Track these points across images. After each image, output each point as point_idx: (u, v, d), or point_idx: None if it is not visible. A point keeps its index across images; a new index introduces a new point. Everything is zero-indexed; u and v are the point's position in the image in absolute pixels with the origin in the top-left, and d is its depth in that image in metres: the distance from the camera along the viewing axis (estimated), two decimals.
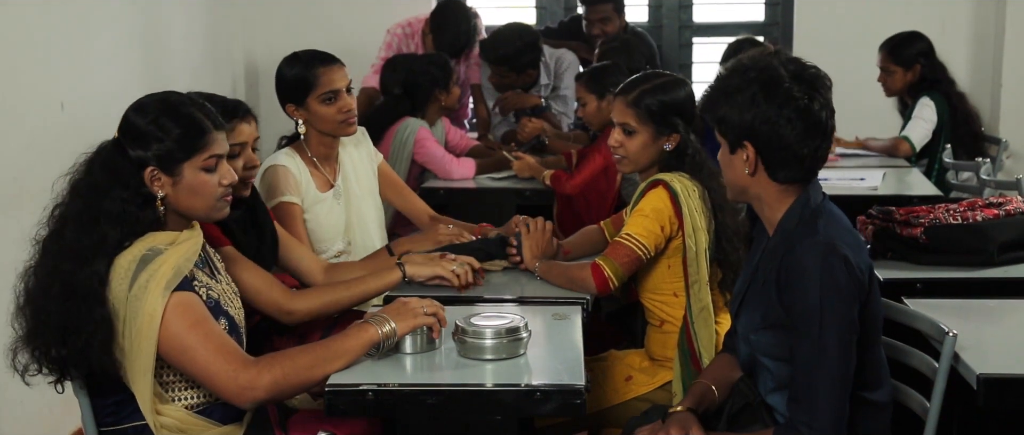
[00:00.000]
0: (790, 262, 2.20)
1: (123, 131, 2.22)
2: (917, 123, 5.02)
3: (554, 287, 2.92)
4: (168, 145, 2.20)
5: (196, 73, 5.11)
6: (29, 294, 2.19)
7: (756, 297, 2.31)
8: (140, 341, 2.13)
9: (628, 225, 2.91)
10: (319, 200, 3.35)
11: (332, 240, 3.38)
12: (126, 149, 2.20)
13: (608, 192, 4.22)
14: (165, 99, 2.26)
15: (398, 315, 2.31)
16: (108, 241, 2.15)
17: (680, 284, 2.92)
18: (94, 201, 2.16)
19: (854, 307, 2.19)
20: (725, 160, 2.33)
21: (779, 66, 2.24)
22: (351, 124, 3.34)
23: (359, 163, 3.50)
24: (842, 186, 4.26)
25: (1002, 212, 3.17)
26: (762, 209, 2.34)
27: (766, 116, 2.21)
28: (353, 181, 3.44)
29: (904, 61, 5.10)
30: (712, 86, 2.33)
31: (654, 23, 6.04)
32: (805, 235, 2.22)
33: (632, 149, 2.98)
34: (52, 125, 3.72)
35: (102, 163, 2.20)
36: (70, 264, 2.13)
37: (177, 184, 2.22)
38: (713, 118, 2.31)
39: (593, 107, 4.18)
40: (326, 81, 3.29)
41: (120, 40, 4.36)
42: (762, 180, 2.28)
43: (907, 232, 3.15)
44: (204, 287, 2.25)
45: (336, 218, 3.38)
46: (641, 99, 2.95)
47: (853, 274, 2.18)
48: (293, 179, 3.29)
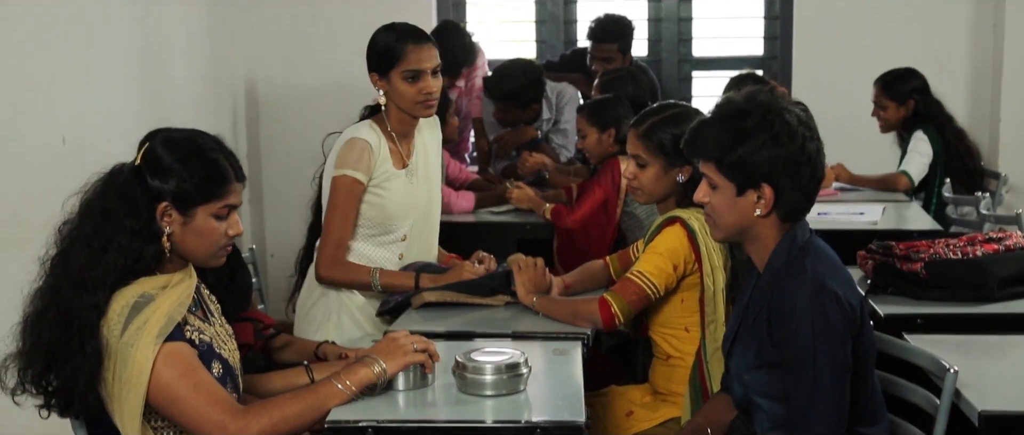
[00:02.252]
0: (780, 301, 2.20)
1: (147, 161, 2.22)
2: (914, 157, 5.04)
3: (554, 322, 2.92)
4: (188, 186, 2.20)
5: (198, 108, 5.13)
6: (26, 314, 2.19)
7: (748, 335, 2.32)
8: (129, 389, 2.12)
9: (641, 262, 2.89)
10: (393, 176, 3.28)
11: (402, 219, 3.31)
12: (145, 178, 2.20)
13: (608, 226, 4.22)
14: (194, 139, 2.26)
15: (388, 354, 2.30)
16: (113, 273, 2.15)
17: (693, 319, 2.90)
18: (105, 227, 2.16)
19: (847, 344, 2.19)
20: (725, 202, 2.31)
21: (786, 105, 2.25)
22: (429, 107, 3.26)
23: (431, 149, 3.44)
24: (842, 220, 4.26)
25: (1002, 247, 3.17)
26: (755, 248, 2.34)
27: (788, 157, 2.21)
28: (423, 166, 3.38)
29: (898, 97, 5.12)
30: (712, 127, 2.31)
31: (654, 57, 6.06)
32: (794, 273, 2.22)
33: (645, 181, 2.98)
34: (53, 159, 3.72)
35: (119, 188, 2.19)
36: (71, 291, 2.13)
37: (187, 225, 2.22)
38: (721, 160, 2.28)
39: (593, 140, 4.19)
40: (413, 59, 3.21)
41: (122, 75, 4.37)
42: (768, 220, 2.29)
43: (907, 267, 3.15)
44: (196, 331, 2.25)
45: (408, 197, 3.32)
46: (652, 131, 2.95)
47: (844, 310, 2.18)
48: (369, 155, 3.22)
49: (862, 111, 5.29)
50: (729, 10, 6.12)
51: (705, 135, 2.32)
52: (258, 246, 5.74)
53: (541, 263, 3.10)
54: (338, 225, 3.22)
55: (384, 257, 3.30)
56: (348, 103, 5.42)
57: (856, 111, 5.32)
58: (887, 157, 5.31)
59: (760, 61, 6.06)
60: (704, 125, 2.36)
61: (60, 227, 2.22)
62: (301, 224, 5.64)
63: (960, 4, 5.67)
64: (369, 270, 3.23)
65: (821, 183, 2.31)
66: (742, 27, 6.13)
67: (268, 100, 5.89)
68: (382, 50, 3.25)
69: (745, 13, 6.08)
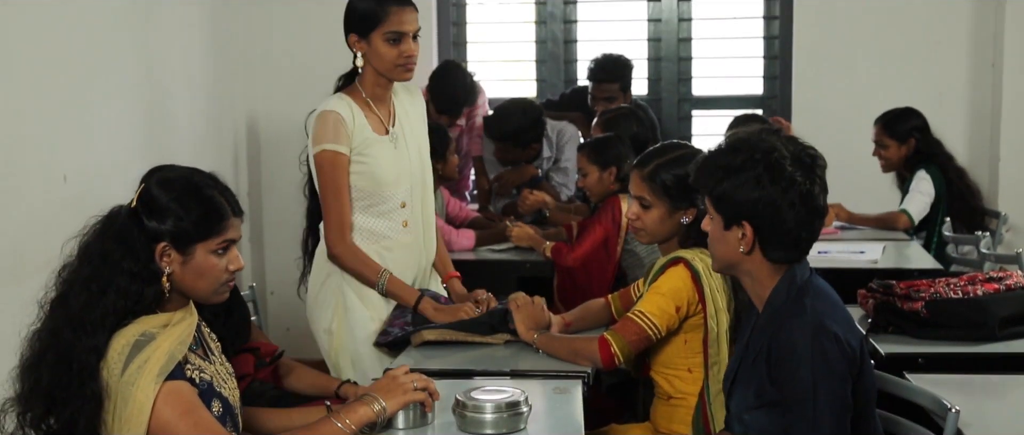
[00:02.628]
0: (780, 341, 2.20)
1: (144, 202, 2.22)
2: (915, 196, 5.04)
3: (555, 360, 2.91)
4: (186, 224, 2.20)
5: (199, 145, 5.14)
6: (24, 358, 2.18)
7: (748, 374, 2.31)
8: (129, 428, 2.11)
9: (643, 302, 2.88)
10: (375, 142, 3.27)
11: (395, 184, 3.29)
12: (142, 220, 2.21)
13: (609, 263, 4.22)
14: (189, 177, 2.26)
15: (388, 392, 2.30)
16: (112, 315, 2.14)
17: (696, 360, 2.89)
18: (103, 270, 2.16)
19: (847, 384, 2.19)
20: (717, 234, 2.34)
21: (781, 147, 2.25)
22: (408, 70, 3.24)
23: (413, 116, 3.41)
24: (842, 259, 4.26)
25: (1003, 286, 3.17)
26: (752, 285, 2.35)
27: (770, 199, 2.22)
28: (408, 132, 3.36)
29: (899, 135, 5.14)
30: (711, 159, 2.34)
31: (654, 96, 6.08)
32: (794, 313, 2.22)
33: (649, 222, 2.97)
34: (55, 196, 3.72)
35: (116, 231, 2.20)
36: (70, 333, 2.13)
37: (186, 263, 2.22)
38: (711, 193, 2.32)
39: (594, 178, 4.20)
40: (395, 21, 3.19)
41: (123, 112, 4.39)
42: (755, 258, 2.29)
43: (908, 306, 3.15)
44: (196, 370, 2.24)
45: (397, 163, 3.30)
46: (656, 173, 2.94)
47: (844, 351, 2.18)
48: (343, 126, 3.22)
49: (861, 150, 5.30)
50: (728, 50, 6.15)
51: (703, 166, 2.35)
52: (258, 283, 5.75)
53: (540, 301, 3.10)
54: (333, 201, 3.22)
55: (388, 227, 3.29)
56: None
57: (855, 150, 5.33)
58: (887, 196, 5.32)
59: (760, 100, 6.08)
60: (706, 157, 2.39)
61: (59, 270, 2.22)
62: None
63: (959, 43, 5.69)
64: (379, 270, 3.24)
65: (816, 228, 2.30)
66: (742, 67, 6.16)
67: (269, 137, 5.91)
68: (363, 12, 3.23)
69: (744, 53, 6.11)
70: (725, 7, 6.10)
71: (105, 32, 4.24)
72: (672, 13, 6.02)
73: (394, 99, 3.36)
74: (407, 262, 3.34)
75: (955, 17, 5.67)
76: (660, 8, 6.01)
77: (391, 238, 3.30)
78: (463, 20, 6.03)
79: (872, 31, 5.73)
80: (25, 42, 3.63)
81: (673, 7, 6.01)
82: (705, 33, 6.07)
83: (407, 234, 3.33)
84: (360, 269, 3.25)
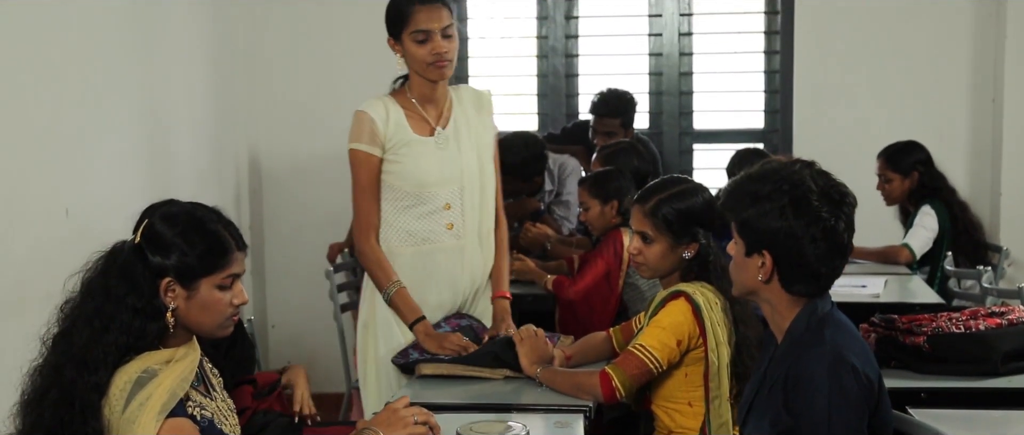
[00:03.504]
0: (798, 370, 2.19)
1: (147, 238, 2.22)
2: (918, 231, 5.04)
3: (556, 394, 2.90)
4: (190, 259, 2.20)
5: (201, 179, 5.15)
6: (26, 394, 2.17)
7: (764, 404, 2.30)
8: None
9: (643, 335, 2.88)
10: (414, 143, 3.26)
11: (436, 186, 3.27)
12: (146, 255, 2.20)
13: (610, 297, 4.21)
14: (193, 212, 2.26)
15: (388, 426, 2.29)
16: (115, 351, 2.14)
17: (696, 394, 2.89)
18: (106, 306, 2.16)
19: (863, 417, 2.18)
20: (738, 260, 2.33)
21: (809, 180, 2.25)
22: (440, 68, 3.22)
23: (476, 125, 3.37)
24: (844, 293, 4.23)
25: (1005, 321, 3.16)
26: (771, 314, 2.34)
27: (791, 231, 2.21)
28: (464, 136, 3.33)
29: (902, 169, 5.15)
30: (739, 184, 2.33)
31: (655, 129, 6.09)
32: (812, 343, 2.21)
33: (651, 257, 2.97)
34: (56, 231, 3.73)
35: (120, 267, 2.19)
36: (73, 370, 2.12)
37: (191, 299, 2.22)
38: (736, 218, 2.30)
39: (596, 211, 4.20)
40: (421, 19, 3.18)
41: (125, 147, 4.40)
42: (774, 288, 2.29)
43: (910, 340, 3.14)
44: (198, 407, 2.23)
45: (440, 164, 3.28)
46: (658, 208, 2.94)
47: (861, 383, 2.17)
48: (374, 127, 3.23)
49: (862, 184, 5.27)
50: (730, 84, 6.16)
51: (733, 190, 2.34)
52: (259, 317, 5.75)
53: (542, 333, 3.09)
54: (359, 199, 3.28)
55: (430, 230, 3.29)
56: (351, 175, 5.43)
57: (856, 184, 5.22)
58: (888, 230, 5.31)
59: (761, 134, 6.09)
60: (737, 181, 2.37)
61: (61, 305, 2.22)
62: (303, 295, 5.66)
63: (959, 78, 5.71)
64: (391, 280, 3.24)
65: (837, 265, 2.29)
66: (743, 101, 6.18)
67: (271, 171, 5.92)
68: (392, 13, 3.25)
69: (745, 87, 6.12)
70: (726, 42, 6.12)
71: (107, 67, 4.25)
72: (673, 47, 6.04)
73: (455, 102, 3.35)
74: (452, 267, 3.32)
75: (955, 53, 5.69)
76: (661, 42, 6.04)
77: (434, 241, 3.29)
78: (465, 54, 6.06)
79: (872, 66, 5.76)
80: (28, 76, 3.64)
81: (674, 42, 6.04)
82: (706, 67, 6.10)
83: (452, 238, 3.30)
84: (376, 272, 3.26)
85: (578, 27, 6.08)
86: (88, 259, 2.23)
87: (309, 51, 5.85)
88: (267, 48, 5.84)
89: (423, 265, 3.28)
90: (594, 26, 6.12)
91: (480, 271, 3.37)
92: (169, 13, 4.89)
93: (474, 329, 3.28)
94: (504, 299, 3.40)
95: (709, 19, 6.11)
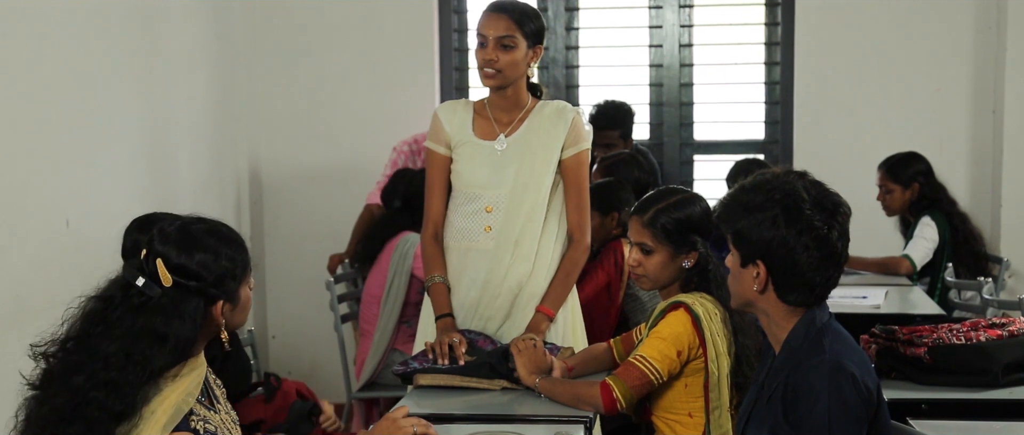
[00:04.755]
0: (797, 380, 2.19)
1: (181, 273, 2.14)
2: (919, 242, 5.04)
3: (556, 405, 2.90)
4: (230, 274, 2.19)
5: (201, 190, 5.16)
6: (31, 409, 2.16)
7: (762, 414, 2.30)
8: None
9: (644, 346, 2.88)
10: (471, 144, 3.34)
11: (481, 187, 3.32)
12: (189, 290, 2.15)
13: (611, 308, 4.21)
14: (217, 230, 2.23)
15: None
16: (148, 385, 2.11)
17: (696, 404, 2.89)
18: (159, 352, 2.11)
19: (862, 427, 2.18)
20: (735, 271, 2.34)
21: (802, 190, 2.25)
22: (487, 76, 3.28)
23: (546, 138, 3.34)
24: (844, 304, 4.24)
25: (1006, 332, 3.17)
26: (768, 325, 2.34)
27: (784, 240, 2.22)
28: (527, 147, 3.33)
29: (903, 180, 5.15)
30: (733, 196, 2.34)
31: (655, 140, 6.10)
32: (811, 353, 2.21)
33: (651, 268, 2.97)
34: (57, 242, 3.72)
35: (164, 316, 2.12)
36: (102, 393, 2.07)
37: (235, 308, 2.23)
38: (731, 229, 2.31)
39: (596, 223, 4.18)
40: (481, 24, 3.28)
41: (126, 157, 4.40)
42: (770, 298, 2.29)
43: (911, 351, 3.14)
44: (201, 421, 2.22)
45: (491, 169, 3.32)
46: (656, 218, 2.95)
47: (860, 392, 2.17)
48: (438, 125, 3.37)
49: (862, 195, 5.30)
50: (730, 95, 6.17)
51: (728, 202, 2.35)
52: (259, 328, 5.75)
53: (541, 344, 3.09)
54: (426, 193, 3.42)
55: (470, 229, 3.34)
56: (353, 185, 5.46)
57: (856, 195, 5.26)
58: (889, 241, 5.31)
59: (761, 145, 6.09)
60: (731, 193, 2.38)
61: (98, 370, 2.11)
62: (304, 306, 5.66)
63: (960, 89, 5.71)
64: (434, 273, 3.34)
65: (831, 274, 2.29)
66: (743, 112, 6.18)
67: (271, 182, 5.93)
68: None
69: (746, 98, 6.13)
70: (727, 53, 6.13)
71: (108, 78, 4.26)
72: (673, 58, 6.05)
73: (534, 113, 3.37)
74: (481, 268, 3.33)
75: (956, 64, 5.69)
76: (662, 54, 6.05)
77: (471, 241, 3.34)
78: (465, 65, 6.07)
79: (873, 77, 5.76)
80: (28, 87, 3.65)
81: (675, 53, 6.04)
82: (706, 78, 6.10)
83: (488, 240, 3.32)
84: (426, 262, 3.38)
85: (578, 38, 6.09)
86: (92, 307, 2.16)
87: (310, 63, 5.85)
88: (268, 59, 5.84)
89: (460, 262, 3.35)
90: (594, 37, 6.13)
91: (513, 277, 3.32)
92: (170, 24, 4.90)
93: (474, 343, 3.28)
94: (543, 314, 3.33)
95: (709, 30, 6.11)
